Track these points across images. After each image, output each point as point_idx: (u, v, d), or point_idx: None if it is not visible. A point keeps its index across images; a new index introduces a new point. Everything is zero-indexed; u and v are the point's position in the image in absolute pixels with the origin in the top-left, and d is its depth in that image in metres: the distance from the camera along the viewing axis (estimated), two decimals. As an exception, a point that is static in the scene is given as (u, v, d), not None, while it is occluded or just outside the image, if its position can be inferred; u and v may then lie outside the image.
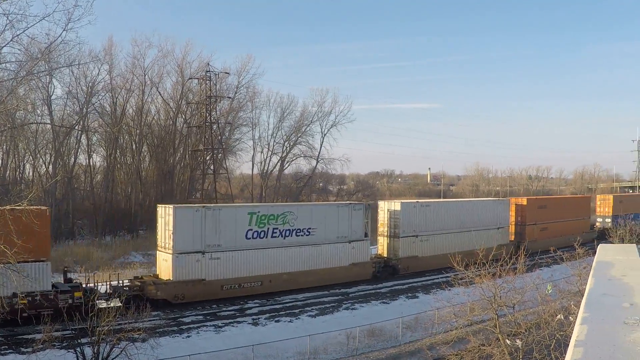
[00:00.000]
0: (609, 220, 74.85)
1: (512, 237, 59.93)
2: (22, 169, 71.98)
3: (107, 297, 32.93)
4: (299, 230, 41.20)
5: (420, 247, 49.94)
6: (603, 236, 59.78)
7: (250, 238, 38.84)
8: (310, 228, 41.79)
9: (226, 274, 37.62)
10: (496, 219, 57.33)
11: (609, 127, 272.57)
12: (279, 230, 40.21)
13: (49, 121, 68.38)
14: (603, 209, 78.31)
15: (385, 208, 49.85)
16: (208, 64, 73.72)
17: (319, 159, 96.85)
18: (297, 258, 41.14)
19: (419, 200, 56.92)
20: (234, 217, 38.51)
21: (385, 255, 49.38)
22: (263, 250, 39.32)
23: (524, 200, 64.50)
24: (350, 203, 47.28)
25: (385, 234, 49.59)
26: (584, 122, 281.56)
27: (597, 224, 77.01)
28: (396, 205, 49.64)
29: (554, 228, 63.01)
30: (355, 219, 44.58)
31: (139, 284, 35.90)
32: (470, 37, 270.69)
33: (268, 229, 39.67)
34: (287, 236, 40.66)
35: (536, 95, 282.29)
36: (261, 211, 39.92)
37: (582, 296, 4.34)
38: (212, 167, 77.57)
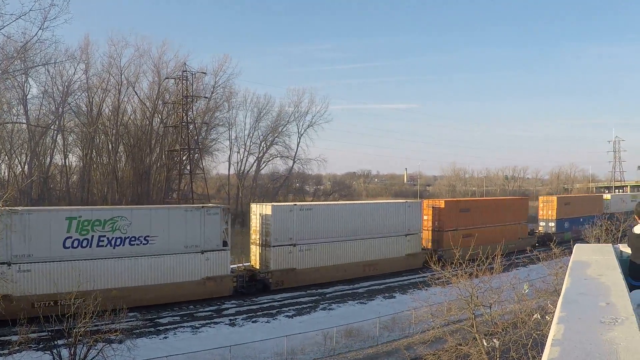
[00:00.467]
0: (553, 224, 70.58)
1: (430, 245, 53.60)
2: (-3, 169, 71.16)
3: None
4: (133, 239, 35.73)
5: (299, 258, 43.44)
6: (545, 242, 55.61)
7: (69, 247, 33.50)
8: (148, 236, 36.28)
9: (39, 289, 31.84)
10: (404, 225, 51.08)
11: (586, 128, 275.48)
12: (107, 238, 34.81)
13: (24, 121, 67.82)
14: (546, 212, 71.96)
15: (257, 212, 43.58)
16: (185, 63, 73.72)
17: (295, 159, 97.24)
18: (130, 271, 35.62)
19: (297, 203, 48.28)
20: (48, 222, 33.22)
21: (257, 267, 43.23)
22: (86, 261, 33.82)
23: (441, 203, 57.69)
24: (203, 206, 40.71)
25: (257, 242, 43.29)
26: (561, 122, 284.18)
27: (540, 228, 71.95)
28: (267, 209, 43.01)
29: (481, 234, 51.49)
30: (209, 226, 38.96)
31: None
32: (448, 37, 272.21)
33: (93, 236, 34.29)
34: (118, 245, 35.19)
35: (512, 95, 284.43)
36: (83, 216, 34.38)
37: (559, 295, 4.39)
38: (188, 167, 77.31)
